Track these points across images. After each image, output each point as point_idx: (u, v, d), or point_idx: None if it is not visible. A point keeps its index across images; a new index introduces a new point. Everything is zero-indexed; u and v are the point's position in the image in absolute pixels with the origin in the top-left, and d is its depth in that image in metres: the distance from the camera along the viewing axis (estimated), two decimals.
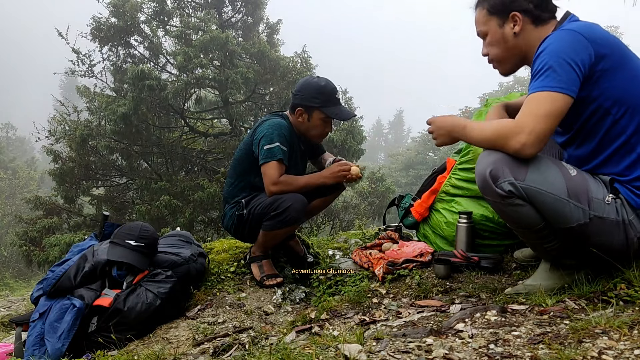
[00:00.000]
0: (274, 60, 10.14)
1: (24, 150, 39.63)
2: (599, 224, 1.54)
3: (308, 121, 2.65)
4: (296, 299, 2.53)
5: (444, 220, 2.54)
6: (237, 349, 1.84)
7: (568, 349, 1.19)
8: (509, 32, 1.70)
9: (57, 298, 2.25)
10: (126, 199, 10.36)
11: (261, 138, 2.54)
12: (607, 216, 1.54)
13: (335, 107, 2.64)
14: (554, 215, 1.55)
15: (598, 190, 1.57)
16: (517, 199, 1.55)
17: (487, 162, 1.58)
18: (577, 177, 1.57)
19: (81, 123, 9.66)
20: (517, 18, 1.67)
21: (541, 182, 1.53)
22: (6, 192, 21.35)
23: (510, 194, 1.54)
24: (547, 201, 1.53)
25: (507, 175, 1.53)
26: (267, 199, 2.51)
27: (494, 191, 1.57)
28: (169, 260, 2.46)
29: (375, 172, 13.08)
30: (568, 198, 1.53)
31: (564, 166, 1.60)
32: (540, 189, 1.53)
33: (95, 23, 9.80)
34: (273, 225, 2.49)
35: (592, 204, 1.54)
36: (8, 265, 15.68)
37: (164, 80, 9.22)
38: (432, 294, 2.05)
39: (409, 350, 1.30)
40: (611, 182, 1.59)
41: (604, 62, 1.53)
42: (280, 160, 2.50)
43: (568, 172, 1.57)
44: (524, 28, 1.68)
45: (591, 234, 1.56)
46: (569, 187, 1.54)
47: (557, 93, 1.49)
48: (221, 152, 10.15)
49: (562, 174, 1.56)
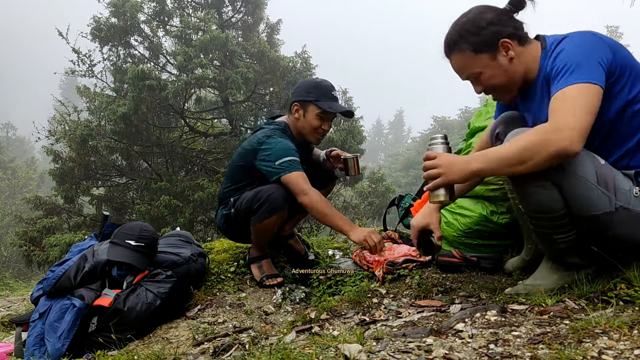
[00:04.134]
0: (274, 60, 10.14)
1: (24, 150, 39.63)
2: (624, 215, 1.53)
3: (304, 117, 2.62)
4: (296, 299, 2.53)
5: (444, 221, 2.53)
6: (237, 349, 1.84)
7: (568, 349, 1.19)
8: (505, 61, 1.65)
9: (57, 298, 2.25)
10: (126, 199, 10.36)
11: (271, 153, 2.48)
12: (634, 208, 1.53)
13: (330, 102, 2.61)
14: (580, 201, 1.53)
15: (625, 182, 1.56)
16: (544, 181, 1.53)
17: None
18: (605, 165, 1.56)
19: (81, 123, 9.65)
20: (508, 44, 1.64)
21: (573, 163, 1.49)
22: (6, 192, 21.34)
23: (538, 175, 1.51)
24: (577, 184, 1.51)
25: None
26: (250, 193, 2.50)
27: None
28: (169, 260, 2.46)
29: (375, 172, 13.09)
30: (597, 184, 1.51)
31: (592, 154, 1.57)
32: (571, 171, 1.50)
33: (95, 23, 9.79)
34: (259, 217, 2.47)
35: (618, 194, 1.53)
36: (8, 265, 15.67)
37: (164, 80, 9.21)
38: (432, 294, 2.05)
39: (409, 350, 1.30)
40: (636, 175, 1.58)
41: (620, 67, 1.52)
42: (301, 170, 2.46)
43: (597, 159, 1.56)
44: (517, 53, 1.65)
45: (615, 224, 1.55)
46: (599, 173, 1.52)
47: (590, 84, 1.44)
48: (221, 152, 10.16)
49: (592, 161, 1.54)
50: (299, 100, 2.62)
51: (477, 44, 1.66)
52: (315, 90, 2.60)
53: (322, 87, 2.62)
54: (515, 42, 1.64)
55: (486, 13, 1.67)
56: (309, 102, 2.60)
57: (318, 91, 2.60)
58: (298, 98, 2.63)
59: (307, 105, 2.61)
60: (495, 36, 1.63)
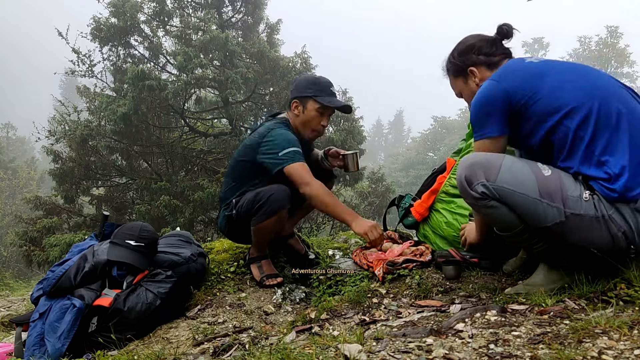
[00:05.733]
0: (273, 60, 10.13)
1: (24, 150, 39.59)
2: (576, 221, 1.56)
3: (303, 113, 2.64)
4: (296, 299, 2.53)
5: (444, 221, 2.54)
6: (237, 349, 1.84)
7: (568, 349, 1.19)
8: (473, 85, 1.93)
9: (57, 298, 2.25)
10: (126, 199, 10.35)
11: (277, 144, 2.48)
12: (585, 213, 1.55)
13: (329, 97, 2.65)
14: (528, 215, 1.59)
15: (575, 188, 1.58)
16: (490, 200, 1.61)
17: (463, 167, 1.68)
18: (551, 176, 1.60)
19: (81, 123, 9.64)
20: (474, 72, 1.92)
21: (512, 183, 1.59)
22: (6, 192, 21.33)
23: (484, 195, 1.60)
24: (519, 201, 1.58)
25: (480, 178, 1.61)
26: (251, 194, 2.50)
27: (470, 194, 1.65)
28: (169, 260, 2.46)
29: (375, 172, 13.07)
30: (540, 198, 1.56)
31: (537, 166, 1.63)
32: (511, 189, 1.58)
33: (95, 23, 9.78)
34: (259, 218, 2.47)
35: (567, 202, 1.56)
36: (8, 265, 15.66)
37: (164, 80, 9.21)
38: (432, 294, 2.05)
39: (409, 350, 1.30)
40: (585, 180, 1.60)
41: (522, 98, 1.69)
42: (304, 161, 2.46)
43: (541, 172, 1.61)
44: (482, 77, 1.89)
45: (569, 232, 1.57)
46: (541, 186, 1.57)
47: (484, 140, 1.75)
48: (221, 152, 10.15)
49: (534, 174, 1.60)
50: (298, 96, 2.63)
51: (454, 71, 2.00)
52: (314, 86, 2.63)
53: (321, 83, 2.65)
54: (482, 68, 1.91)
55: (467, 42, 1.96)
56: (308, 98, 2.62)
57: (317, 87, 2.63)
58: (297, 94, 2.65)
59: (306, 101, 2.63)
60: (464, 65, 1.94)
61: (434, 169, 2.86)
